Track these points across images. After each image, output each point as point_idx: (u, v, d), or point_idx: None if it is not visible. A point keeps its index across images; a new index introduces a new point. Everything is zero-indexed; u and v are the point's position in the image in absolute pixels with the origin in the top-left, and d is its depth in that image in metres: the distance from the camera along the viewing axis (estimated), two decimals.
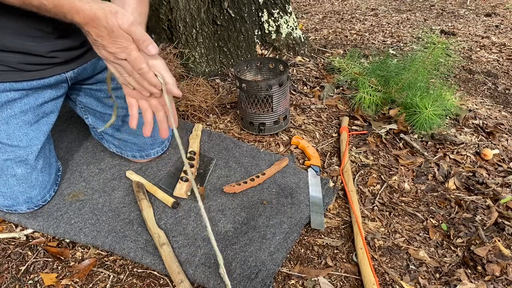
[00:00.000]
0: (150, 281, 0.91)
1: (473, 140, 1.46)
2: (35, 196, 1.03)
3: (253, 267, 0.92)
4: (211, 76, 1.86)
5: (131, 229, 1.01)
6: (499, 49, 2.50)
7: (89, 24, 0.75)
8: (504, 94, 1.93)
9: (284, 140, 1.42)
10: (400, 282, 0.91)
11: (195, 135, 1.36)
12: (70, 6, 0.73)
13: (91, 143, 1.34)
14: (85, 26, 0.76)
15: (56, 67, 0.99)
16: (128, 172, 1.19)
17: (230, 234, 1.01)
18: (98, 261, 0.96)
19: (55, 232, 1.01)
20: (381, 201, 1.16)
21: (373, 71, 1.69)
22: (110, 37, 0.75)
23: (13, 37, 0.86)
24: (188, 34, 1.75)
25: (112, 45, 0.76)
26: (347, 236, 1.03)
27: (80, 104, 1.18)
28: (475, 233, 1.04)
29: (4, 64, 0.90)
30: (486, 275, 0.93)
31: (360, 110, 1.58)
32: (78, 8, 0.73)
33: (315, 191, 1.15)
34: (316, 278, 0.91)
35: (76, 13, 0.74)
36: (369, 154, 1.36)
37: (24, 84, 0.95)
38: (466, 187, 1.22)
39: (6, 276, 0.93)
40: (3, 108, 0.95)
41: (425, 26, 2.95)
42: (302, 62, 2.08)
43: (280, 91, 1.34)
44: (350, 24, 3.02)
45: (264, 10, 2.03)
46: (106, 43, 0.76)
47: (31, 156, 1.01)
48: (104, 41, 0.76)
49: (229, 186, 1.15)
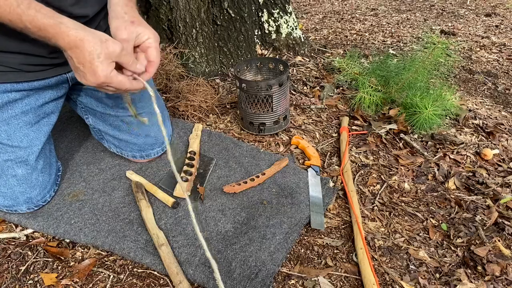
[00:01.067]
0: (150, 281, 0.91)
1: (473, 140, 1.46)
2: (35, 196, 1.03)
3: (253, 267, 0.92)
4: (211, 76, 1.86)
5: (131, 229, 1.01)
6: (499, 49, 2.50)
7: (72, 50, 0.74)
8: (504, 94, 1.93)
9: (284, 140, 1.42)
10: (400, 282, 0.91)
11: (195, 135, 1.36)
12: (55, 31, 0.73)
13: (91, 143, 1.34)
14: (68, 51, 0.75)
15: (57, 67, 0.99)
16: (128, 172, 1.19)
17: (230, 234, 1.01)
18: (98, 261, 0.96)
19: (55, 232, 1.01)
20: (381, 201, 1.16)
21: (373, 71, 1.69)
22: (91, 65, 0.74)
23: (14, 38, 0.86)
24: (188, 34, 1.75)
25: (92, 77, 0.76)
26: (347, 236, 1.03)
27: (81, 104, 1.18)
28: (475, 233, 1.04)
29: (5, 65, 0.90)
30: (486, 275, 0.93)
31: (360, 110, 1.58)
32: (63, 33, 0.73)
33: (315, 191, 1.15)
34: (316, 278, 0.91)
35: (61, 38, 0.73)
36: (369, 154, 1.36)
37: (25, 84, 0.95)
38: (466, 187, 1.22)
39: (6, 276, 0.93)
40: (4, 108, 0.95)
41: (425, 26, 2.95)
42: (302, 62, 2.08)
43: (280, 91, 1.34)
44: (350, 24, 3.02)
45: (264, 10, 2.03)
46: (86, 71, 0.75)
47: (31, 156, 1.01)
48: (85, 69, 0.75)
49: (229, 186, 1.15)
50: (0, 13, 0.71)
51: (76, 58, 0.75)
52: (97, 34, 0.75)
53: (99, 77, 0.76)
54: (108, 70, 0.76)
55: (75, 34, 0.73)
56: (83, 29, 0.75)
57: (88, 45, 0.73)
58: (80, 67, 0.76)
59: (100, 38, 0.74)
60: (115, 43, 0.76)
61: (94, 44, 0.73)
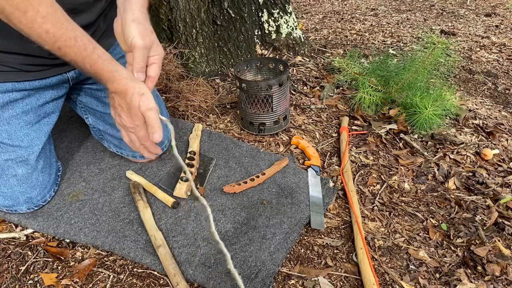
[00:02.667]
0: (150, 281, 0.91)
1: (473, 140, 1.46)
2: (35, 196, 1.03)
3: (253, 267, 0.92)
4: (211, 76, 1.86)
5: (131, 229, 1.01)
6: (499, 49, 2.50)
7: (117, 94, 0.84)
8: (504, 94, 1.93)
9: (284, 140, 1.42)
10: (400, 282, 0.91)
11: (195, 135, 1.36)
12: (109, 77, 0.81)
13: (91, 143, 1.34)
14: (113, 94, 0.85)
15: (58, 67, 0.99)
16: (128, 172, 1.19)
17: (230, 234, 1.01)
18: (98, 261, 0.96)
19: (55, 232, 1.01)
20: (381, 201, 1.16)
21: (373, 71, 1.69)
22: (128, 111, 0.85)
23: (15, 39, 0.87)
24: (188, 34, 1.75)
25: (127, 118, 0.86)
26: (347, 236, 1.03)
27: (81, 104, 1.18)
28: (475, 233, 1.04)
29: (5, 65, 0.90)
30: (486, 275, 0.93)
31: (360, 110, 1.58)
32: (115, 80, 0.81)
33: (315, 191, 1.15)
34: (316, 278, 0.91)
35: (111, 83, 0.82)
36: (369, 154, 1.36)
37: (25, 84, 0.95)
38: (466, 187, 1.22)
39: (6, 276, 0.93)
40: (5, 108, 0.95)
41: (425, 26, 2.95)
42: (302, 62, 2.08)
43: (280, 91, 1.34)
44: (350, 24, 3.02)
45: (264, 10, 2.03)
46: (123, 114, 0.86)
47: (32, 156, 1.01)
48: (122, 112, 0.86)
49: (229, 186, 1.15)
50: (69, 53, 0.76)
51: (118, 101, 0.85)
52: (139, 86, 0.83)
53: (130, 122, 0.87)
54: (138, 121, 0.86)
55: (124, 83, 0.82)
56: (131, 79, 0.83)
57: (132, 94, 0.82)
58: (119, 108, 0.86)
59: (139, 91, 0.82)
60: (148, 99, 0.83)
61: (134, 94, 0.82)
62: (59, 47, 0.75)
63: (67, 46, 0.75)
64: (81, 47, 0.76)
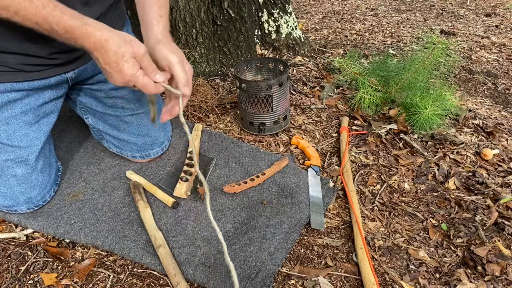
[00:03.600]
0: (150, 281, 0.91)
1: (473, 140, 1.46)
2: (35, 196, 1.03)
3: (253, 267, 0.92)
4: (211, 76, 1.86)
5: (131, 229, 1.01)
6: (499, 49, 2.50)
7: (98, 50, 0.75)
8: (504, 94, 1.93)
9: (284, 140, 1.42)
10: (400, 282, 0.91)
11: (195, 135, 1.36)
12: (81, 32, 0.74)
13: (91, 143, 1.34)
14: (95, 52, 0.76)
15: (57, 67, 0.99)
16: (128, 172, 1.19)
17: (230, 234, 1.01)
18: (98, 261, 0.96)
19: (55, 232, 1.01)
20: (381, 201, 1.16)
21: (373, 71, 1.69)
22: (117, 65, 0.75)
23: (14, 39, 0.86)
24: (188, 34, 1.75)
25: (119, 76, 0.77)
26: (347, 236, 1.03)
27: (80, 104, 1.18)
28: (475, 233, 1.04)
29: (4, 65, 0.90)
30: (486, 275, 0.93)
31: (360, 110, 1.58)
32: (89, 33, 0.74)
33: (315, 191, 1.15)
34: (316, 278, 0.91)
35: (87, 39, 0.74)
36: (369, 154, 1.36)
37: (24, 84, 0.95)
38: (466, 187, 1.22)
39: (6, 276, 0.93)
40: (4, 108, 0.95)
41: (425, 26, 2.95)
42: (302, 62, 2.08)
43: (280, 91, 1.34)
44: (350, 24, 3.02)
45: (264, 10, 2.03)
46: (113, 71, 0.77)
47: (31, 156, 1.01)
48: (111, 70, 0.77)
49: (229, 186, 1.15)
50: (27, 15, 0.72)
51: (102, 59, 0.76)
52: (121, 34, 0.76)
53: (125, 75, 0.77)
54: (134, 69, 0.77)
55: (100, 35, 0.74)
56: (108, 29, 0.75)
57: (113, 45, 0.74)
58: (107, 68, 0.77)
59: (124, 38, 0.75)
60: (139, 44, 0.77)
61: (118, 43, 0.74)
62: (15, 11, 0.71)
63: (22, 9, 0.70)
64: (38, 6, 0.71)
